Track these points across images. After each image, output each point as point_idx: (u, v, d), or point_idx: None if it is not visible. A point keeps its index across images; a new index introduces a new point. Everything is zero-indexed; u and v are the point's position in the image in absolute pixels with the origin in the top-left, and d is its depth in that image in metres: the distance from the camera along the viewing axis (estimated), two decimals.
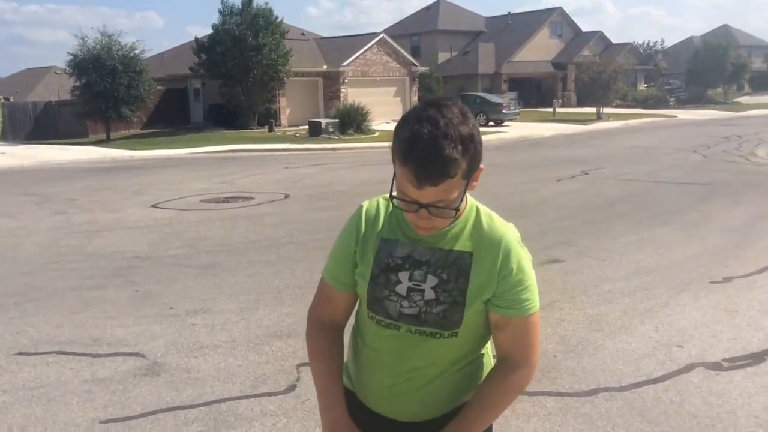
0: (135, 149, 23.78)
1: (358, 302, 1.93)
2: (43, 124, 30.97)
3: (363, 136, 27.03)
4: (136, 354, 5.17)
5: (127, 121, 28.34)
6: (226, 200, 12.50)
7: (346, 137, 26.44)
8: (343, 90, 34.22)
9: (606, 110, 37.02)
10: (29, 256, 8.45)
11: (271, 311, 5.97)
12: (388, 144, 1.72)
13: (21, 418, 4.19)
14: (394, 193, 1.73)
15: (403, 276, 1.77)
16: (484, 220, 1.81)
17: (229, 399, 4.38)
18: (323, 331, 1.92)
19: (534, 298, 1.81)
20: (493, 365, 1.90)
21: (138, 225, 10.32)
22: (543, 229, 9.32)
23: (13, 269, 7.82)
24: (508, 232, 1.81)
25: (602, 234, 8.98)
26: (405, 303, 1.77)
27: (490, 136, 26.85)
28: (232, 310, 6.08)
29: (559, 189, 13.08)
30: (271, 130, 29.80)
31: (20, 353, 5.22)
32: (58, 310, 6.25)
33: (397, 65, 37.73)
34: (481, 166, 1.71)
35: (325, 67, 34.33)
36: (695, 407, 4.14)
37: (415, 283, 1.76)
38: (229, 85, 29.69)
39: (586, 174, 15.13)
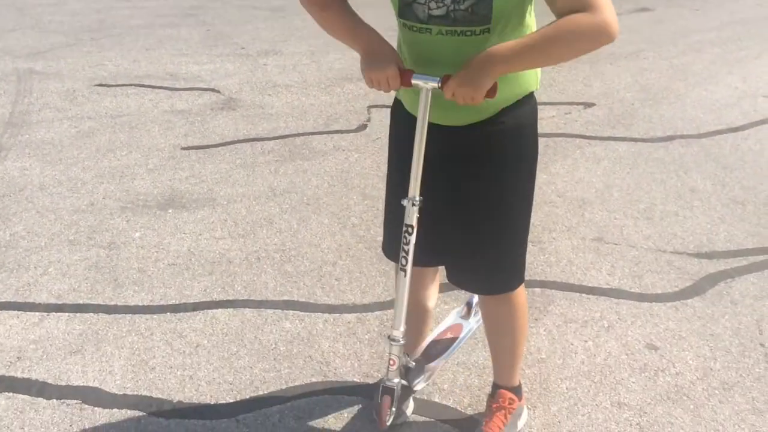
0: None
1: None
2: None
3: None
4: (212, 89, 5.26)
5: None
6: None
7: None
8: None
9: None
10: None
11: (341, 55, 5.88)
12: None
13: (107, 141, 4.41)
14: None
15: None
16: None
17: (302, 134, 4.48)
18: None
19: None
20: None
21: None
22: None
23: (85, 6, 7.82)
24: None
25: None
26: (433, 4, 1.65)
27: None
28: (303, 53, 6.02)
29: None
30: None
31: (100, 84, 5.38)
32: (133, 46, 6.31)
33: None
34: None
35: None
36: None
37: None
38: None
39: None
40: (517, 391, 2.21)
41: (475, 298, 2.61)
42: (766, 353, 2.53)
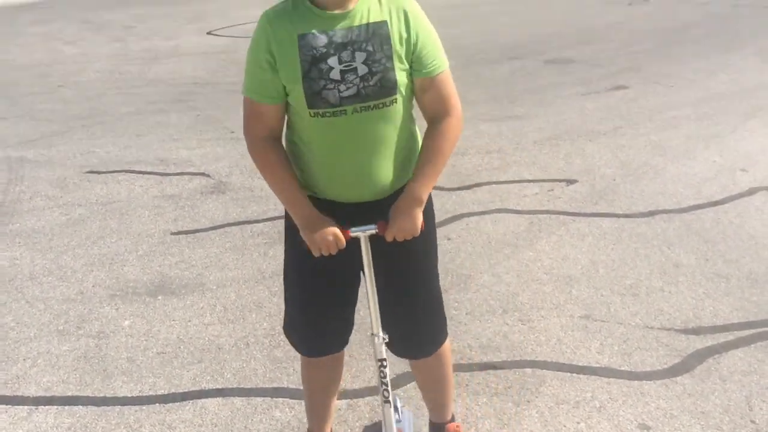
0: None
1: (287, 114, 1.98)
2: None
3: None
4: (202, 173, 5.35)
5: None
6: None
7: None
8: None
9: None
10: (92, 82, 8.60)
11: None
12: None
13: (97, 229, 4.45)
14: None
15: (333, 61, 1.83)
16: None
17: None
18: (265, 144, 1.96)
19: (443, 56, 1.95)
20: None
21: (195, 52, 10.30)
22: (609, 55, 8.94)
23: (78, 94, 7.99)
24: (410, 1, 1.92)
25: (672, 60, 8.56)
26: (342, 87, 1.83)
27: None
28: None
29: (630, 12, 12.37)
30: None
31: (91, 171, 5.46)
32: (124, 132, 6.44)
33: None
34: None
35: None
36: (755, 229, 4.11)
37: (345, 64, 1.83)
38: None
39: None
40: (454, 418, 2.48)
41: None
42: (756, 430, 2.53)
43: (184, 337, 3.26)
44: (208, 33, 11.93)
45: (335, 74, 1.82)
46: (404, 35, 1.87)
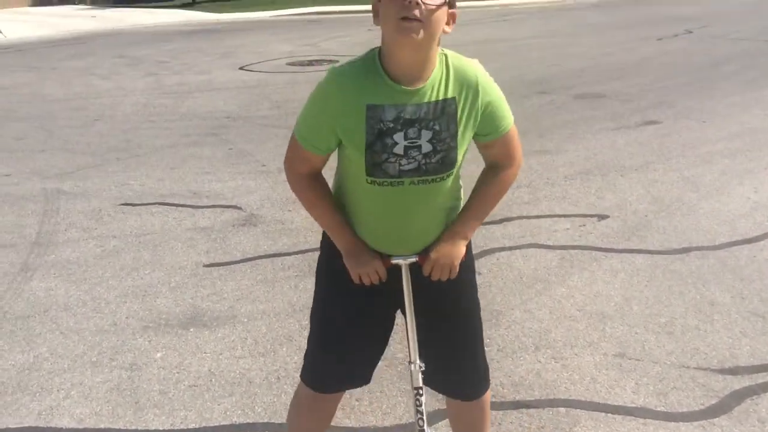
0: (220, 12, 23.73)
1: (340, 163, 2.02)
2: None
3: None
4: (234, 206, 5.41)
5: None
6: (311, 63, 12.45)
7: None
8: None
9: None
10: (127, 115, 8.77)
11: None
12: (474, 3, 1.67)
13: (131, 260, 4.51)
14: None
15: (398, 137, 1.82)
16: (453, 63, 1.87)
17: None
18: (310, 181, 1.99)
19: (509, 113, 1.96)
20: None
21: (227, 87, 10.47)
22: (641, 90, 8.92)
23: (113, 127, 8.16)
24: (478, 69, 1.91)
25: (705, 95, 8.51)
26: (404, 161, 1.84)
27: None
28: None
29: (661, 48, 12.36)
30: None
31: (126, 204, 5.55)
32: (158, 165, 6.54)
33: None
34: (456, 12, 1.84)
35: None
36: None
37: (410, 141, 1.83)
38: None
39: (691, 32, 14.18)
40: None
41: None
42: None
43: (216, 370, 3.27)
44: (240, 68, 12.14)
45: (399, 149, 1.83)
46: (472, 110, 1.87)
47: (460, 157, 1.90)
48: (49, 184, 6.06)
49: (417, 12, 1.69)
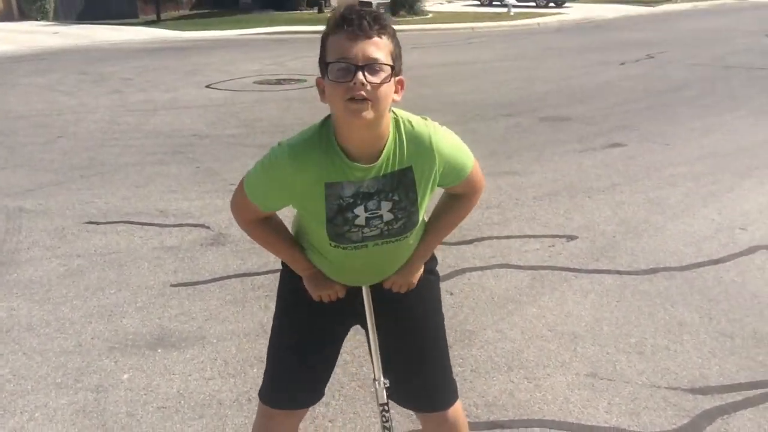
0: (185, 30, 23.59)
1: (303, 225, 2.04)
2: (94, 4, 30.76)
3: (415, 18, 26.22)
4: (202, 225, 5.33)
5: (176, 1, 28.01)
6: (278, 82, 12.43)
7: (398, 19, 25.68)
8: None
9: None
10: (90, 132, 8.63)
11: None
12: (441, 26, 1.70)
13: (96, 280, 4.41)
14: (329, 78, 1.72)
15: (359, 210, 1.85)
16: (406, 129, 1.84)
17: None
18: (260, 222, 1.99)
19: (468, 158, 1.95)
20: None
21: (194, 105, 10.38)
22: (604, 114, 9.09)
23: (76, 145, 8.01)
24: (431, 130, 1.86)
25: (666, 119, 8.70)
26: (366, 229, 1.88)
27: (550, 18, 25.81)
28: None
29: (623, 73, 12.63)
30: (320, 11, 29.08)
31: (90, 222, 5.43)
32: (123, 183, 6.43)
33: None
34: (403, 78, 1.79)
35: None
36: (757, 287, 4.12)
37: (371, 212, 1.86)
38: None
39: (652, 57, 14.52)
40: None
41: None
42: None
43: (185, 392, 3.20)
44: (207, 86, 12.06)
45: (360, 221, 1.86)
46: (431, 173, 1.88)
47: (421, 217, 1.96)
48: (10, 202, 5.91)
49: (363, 92, 1.67)
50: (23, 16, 29.24)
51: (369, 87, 1.67)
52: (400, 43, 1.77)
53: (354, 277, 2.06)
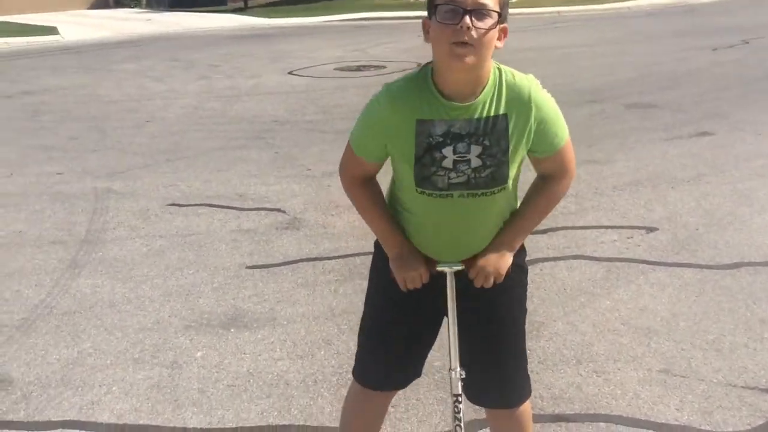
0: (272, 17, 24.04)
1: (394, 175, 2.05)
2: None
3: None
4: (278, 209, 5.45)
5: None
6: (359, 68, 12.51)
7: None
8: None
9: None
10: (177, 117, 8.94)
11: None
12: (526, 10, 1.67)
13: (176, 260, 4.58)
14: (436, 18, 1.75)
15: (447, 151, 1.85)
16: (506, 79, 1.87)
17: (362, 254, 4.54)
18: (363, 184, 2.04)
19: (563, 129, 1.96)
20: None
21: (276, 91, 10.58)
22: (694, 101, 8.71)
23: (163, 129, 8.32)
24: (532, 85, 1.89)
25: (760, 107, 8.26)
26: (453, 174, 1.86)
27: (641, 1, 24.90)
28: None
29: (715, 59, 12.06)
30: None
31: (173, 204, 5.64)
32: (206, 167, 6.64)
33: None
34: (507, 26, 1.82)
35: None
36: None
37: (459, 155, 1.85)
38: None
39: (747, 43, 13.80)
40: None
41: None
42: None
43: (254, 371, 3.29)
44: (290, 73, 12.27)
45: (448, 163, 1.85)
46: (525, 127, 1.87)
47: (512, 173, 1.91)
48: (99, 184, 6.20)
49: (469, 37, 1.70)
50: (118, 3, 30.47)
51: (474, 33, 1.70)
52: None
53: (441, 244, 2.03)
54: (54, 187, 6.16)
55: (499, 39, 1.79)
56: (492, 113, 1.84)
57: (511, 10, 1.90)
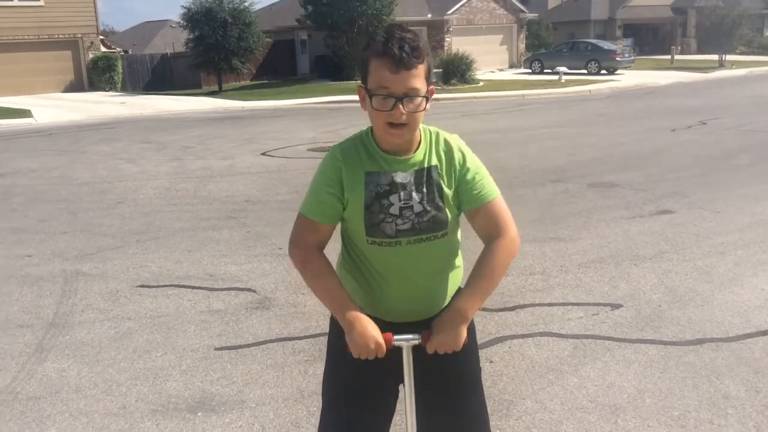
0: (245, 100, 24.51)
1: (344, 236, 2.21)
2: (160, 75, 32.37)
3: (467, 86, 26.65)
4: (248, 289, 5.46)
5: (237, 72, 29.24)
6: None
7: (450, 87, 26.16)
8: (447, 39, 33.80)
9: (729, 57, 34.81)
10: (149, 198, 8.99)
11: None
12: (492, 93, 1.85)
13: (144, 342, 4.55)
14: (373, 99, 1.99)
15: (394, 198, 2.07)
16: (439, 136, 2.15)
17: None
18: (317, 254, 2.14)
19: (491, 185, 2.14)
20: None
21: (249, 171, 10.72)
22: (654, 180, 9.01)
23: (135, 210, 8.35)
24: (460, 142, 2.17)
25: (718, 186, 8.57)
26: (399, 221, 2.07)
27: (602, 84, 25.89)
28: (336, 251, 6.28)
29: (674, 139, 12.53)
30: None
31: (142, 285, 5.63)
32: (176, 247, 6.66)
33: (505, 12, 36.79)
34: (433, 88, 2.08)
35: (429, 15, 33.91)
36: None
37: (404, 202, 2.07)
38: (335, 36, 29.86)
39: (704, 124, 14.39)
40: None
41: None
42: None
43: None
44: (263, 153, 12.46)
45: (395, 210, 2.06)
46: (452, 173, 2.10)
47: (449, 217, 2.10)
48: (68, 266, 6.17)
49: (403, 118, 1.96)
50: (92, 86, 30.84)
51: (406, 116, 1.96)
52: (431, 51, 2.05)
53: (397, 298, 2.15)
54: (23, 269, 6.12)
55: (427, 102, 2.02)
56: (426, 165, 2.10)
57: (477, 94, 2.14)
